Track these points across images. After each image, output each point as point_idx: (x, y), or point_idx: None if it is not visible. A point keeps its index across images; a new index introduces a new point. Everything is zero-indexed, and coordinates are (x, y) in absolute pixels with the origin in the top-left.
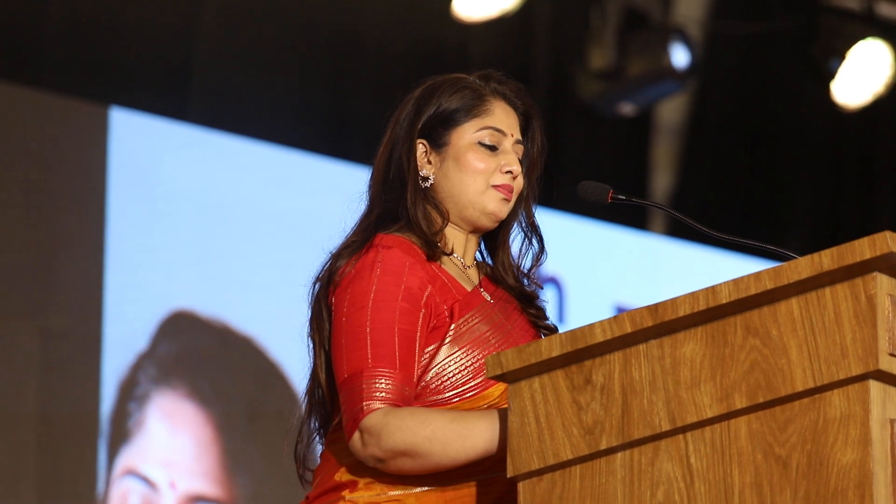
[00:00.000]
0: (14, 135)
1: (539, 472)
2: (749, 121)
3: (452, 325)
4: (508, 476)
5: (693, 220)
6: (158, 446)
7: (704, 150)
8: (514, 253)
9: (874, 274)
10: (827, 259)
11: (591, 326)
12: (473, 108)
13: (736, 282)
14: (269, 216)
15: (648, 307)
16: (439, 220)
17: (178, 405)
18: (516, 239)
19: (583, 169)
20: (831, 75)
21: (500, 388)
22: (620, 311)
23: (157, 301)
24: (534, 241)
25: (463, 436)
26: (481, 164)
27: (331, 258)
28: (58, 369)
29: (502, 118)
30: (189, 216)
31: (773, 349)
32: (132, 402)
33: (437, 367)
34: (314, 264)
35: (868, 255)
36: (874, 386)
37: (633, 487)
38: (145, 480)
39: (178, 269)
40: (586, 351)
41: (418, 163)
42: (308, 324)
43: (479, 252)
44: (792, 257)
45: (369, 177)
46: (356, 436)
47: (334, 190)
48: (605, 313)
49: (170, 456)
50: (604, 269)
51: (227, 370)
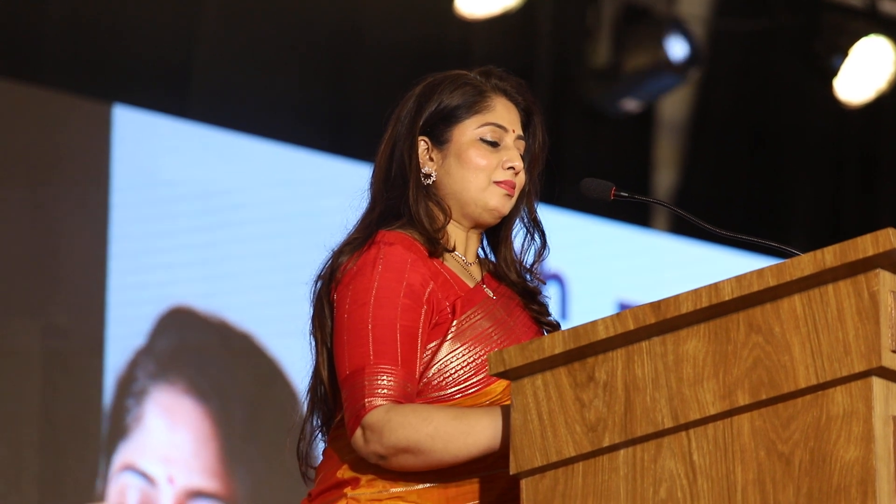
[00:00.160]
0: (16, 133)
1: (542, 470)
2: (752, 118)
3: (455, 322)
4: (511, 473)
5: (696, 217)
6: (157, 442)
7: (707, 147)
8: (516, 249)
9: (877, 271)
10: (830, 256)
11: (593, 323)
12: (475, 104)
13: (739, 279)
14: (271, 213)
15: (651, 304)
16: (441, 216)
17: (177, 400)
18: (518, 235)
19: (585, 166)
20: (834, 72)
21: (502, 384)
22: (623, 308)
23: (160, 299)
24: (536, 236)
25: (465, 433)
26: (483, 160)
27: (333, 255)
28: (60, 367)
29: (503, 114)
30: (191, 214)
31: (775, 346)
32: (130, 397)
33: (440, 363)
34: (315, 261)
35: (871, 252)
36: (877, 383)
37: (635, 484)
38: (144, 476)
39: (180, 267)
40: (589, 348)
41: (420, 160)
42: (310, 321)
43: (481, 248)
44: (795, 254)
45: (371, 174)
46: (358, 432)
47: (336, 187)
48: (608, 310)
49: (168, 451)
50: (606, 267)
51: (225, 365)
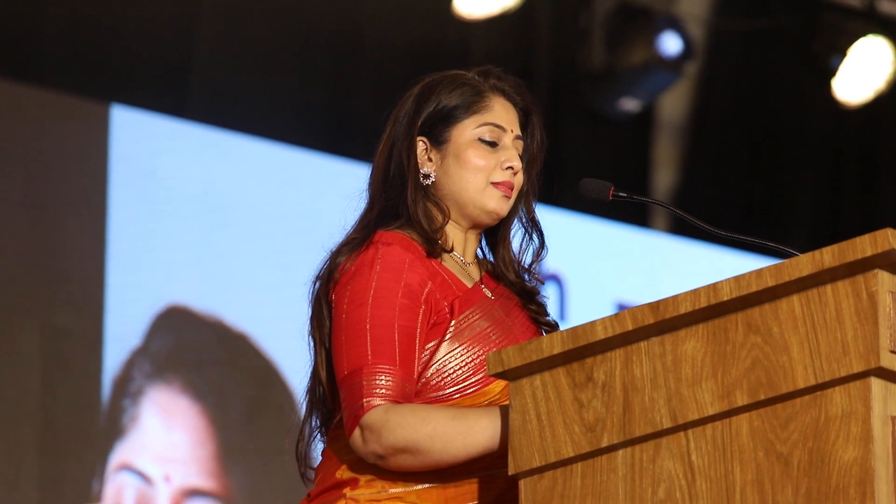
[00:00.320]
0: (15, 133)
1: (540, 470)
2: (750, 118)
3: (453, 322)
4: (510, 474)
5: (694, 218)
6: (153, 441)
7: (706, 147)
8: (514, 249)
9: (875, 271)
10: (828, 256)
11: (592, 324)
12: (473, 104)
13: (737, 279)
14: (269, 214)
15: (650, 304)
16: (440, 217)
17: (173, 400)
18: (517, 235)
19: (584, 166)
20: (832, 72)
21: (500, 384)
22: (622, 308)
23: (159, 298)
24: (534, 236)
25: (464, 433)
26: (481, 160)
27: (331, 255)
28: (59, 367)
29: (502, 114)
30: (190, 214)
31: (774, 346)
32: (126, 397)
33: (438, 363)
34: (314, 262)
35: (869, 252)
36: (875, 383)
37: (634, 485)
38: (140, 475)
39: (179, 267)
40: (587, 348)
41: (419, 160)
42: (308, 322)
43: (479, 249)
44: (793, 254)
45: (369, 174)
46: (356, 432)
47: (334, 187)
48: (607, 311)
49: (165, 450)
50: (605, 267)
51: (222, 365)
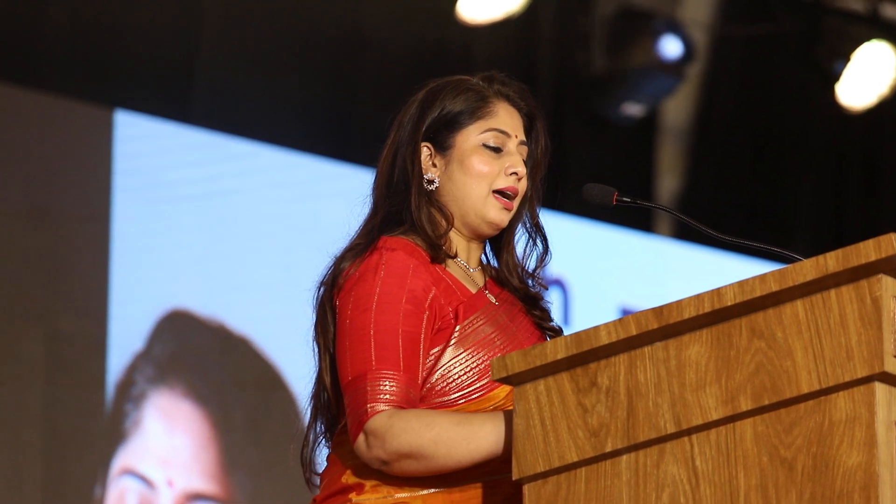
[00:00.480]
0: (18, 138)
1: (544, 475)
2: (754, 123)
3: (457, 327)
4: (514, 479)
5: (698, 223)
6: (156, 445)
7: (709, 152)
8: (518, 254)
9: (879, 276)
10: (832, 261)
11: (596, 329)
12: (477, 110)
13: (741, 284)
14: (272, 218)
15: (653, 309)
16: (444, 223)
17: (176, 404)
18: (521, 240)
19: (588, 171)
20: (836, 77)
21: (505, 389)
22: (626, 313)
23: (162, 303)
24: (538, 241)
25: (468, 438)
26: (485, 167)
27: (335, 261)
28: (63, 372)
29: (506, 120)
30: (193, 218)
31: (778, 351)
32: (129, 402)
33: (443, 368)
34: (316, 266)
35: (873, 258)
36: (879, 388)
37: (638, 490)
38: (143, 479)
39: (183, 271)
40: (591, 353)
41: (423, 166)
42: (313, 327)
43: (484, 254)
44: (797, 259)
45: (373, 179)
46: (361, 438)
47: (337, 192)
48: (611, 316)
49: (167, 455)
50: (609, 272)
51: (224, 369)
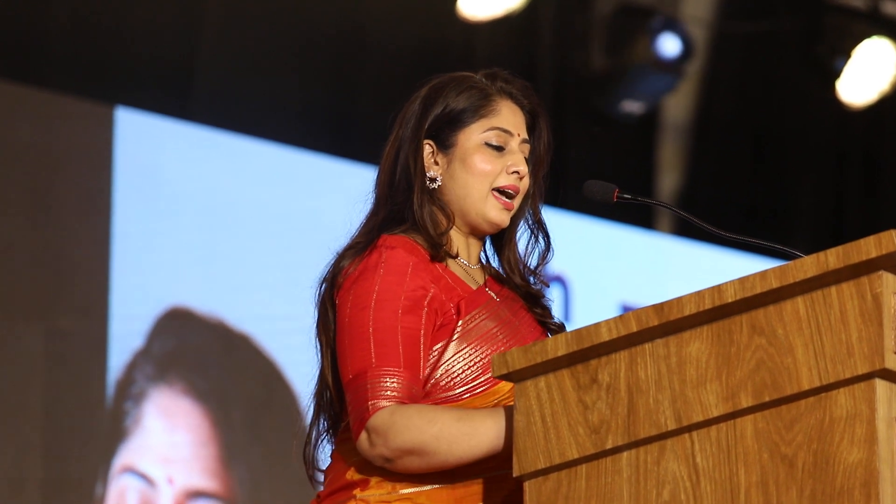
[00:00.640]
0: (19, 135)
1: (545, 472)
2: (755, 120)
3: (460, 322)
4: (514, 476)
5: (699, 220)
6: (156, 443)
7: (710, 149)
8: (520, 251)
9: (880, 273)
10: (833, 258)
11: (596, 326)
12: (480, 108)
13: (742, 281)
14: (273, 215)
15: (654, 306)
16: (445, 221)
17: (176, 402)
18: (523, 236)
19: (589, 168)
20: (837, 74)
21: (509, 383)
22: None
23: (163, 301)
24: (540, 238)
25: (470, 434)
26: (488, 165)
27: (335, 259)
28: (64, 369)
29: (509, 118)
30: (194, 216)
31: (778, 348)
32: (129, 400)
33: (446, 364)
34: (317, 263)
35: (874, 254)
36: (880, 385)
37: (638, 487)
38: (143, 477)
39: (183, 269)
40: (592, 350)
41: (425, 164)
42: (315, 325)
43: (483, 252)
44: (798, 256)
45: (375, 176)
46: (363, 435)
47: (338, 189)
48: (611, 312)
49: (168, 452)
50: (610, 269)
51: (225, 365)
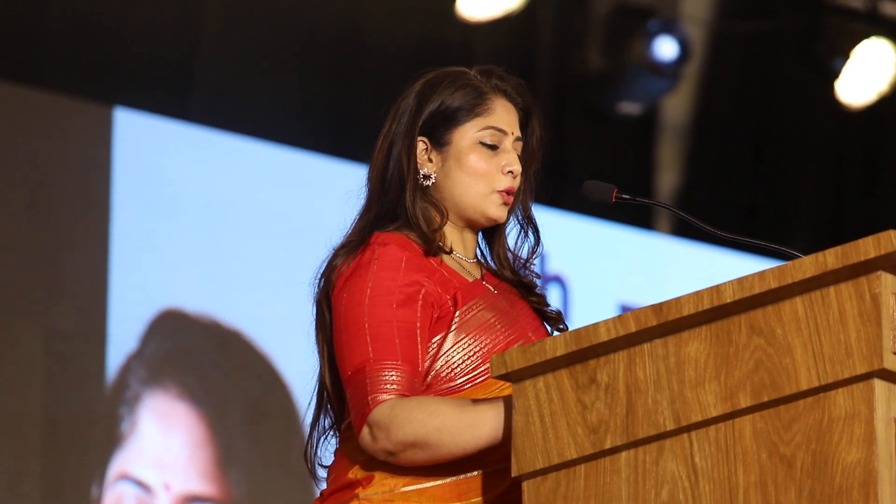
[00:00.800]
0: (18, 135)
1: (544, 472)
2: (753, 120)
3: (457, 313)
4: (513, 475)
5: (697, 220)
6: (151, 448)
7: (709, 149)
8: (510, 246)
9: (879, 273)
10: (831, 258)
11: (595, 326)
12: (475, 106)
13: (740, 281)
14: (272, 216)
15: (653, 306)
16: (438, 218)
17: (171, 405)
18: (512, 232)
19: (588, 168)
20: (835, 74)
21: None
22: (625, 310)
23: (162, 301)
24: (530, 234)
25: (473, 425)
26: (483, 164)
27: (329, 258)
28: (62, 370)
29: (503, 116)
30: (193, 216)
31: (777, 348)
32: (123, 405)
33: (445, 355)
34: (315, 263)
35: (872, 254)
36: (879, 385)
37: (637, 487)
38: (139, 484)
39: (182, 269)
40: (591, 350)
41: (419, 161)
42: (313, 324)
43: (478, 248)
44: (796, 256)
45: (368, 170)
46: (365, 430)
47: (337, 189)
48: (610, 313)
49: (163, 457)
50: (608, 269)
51: (220, 368)
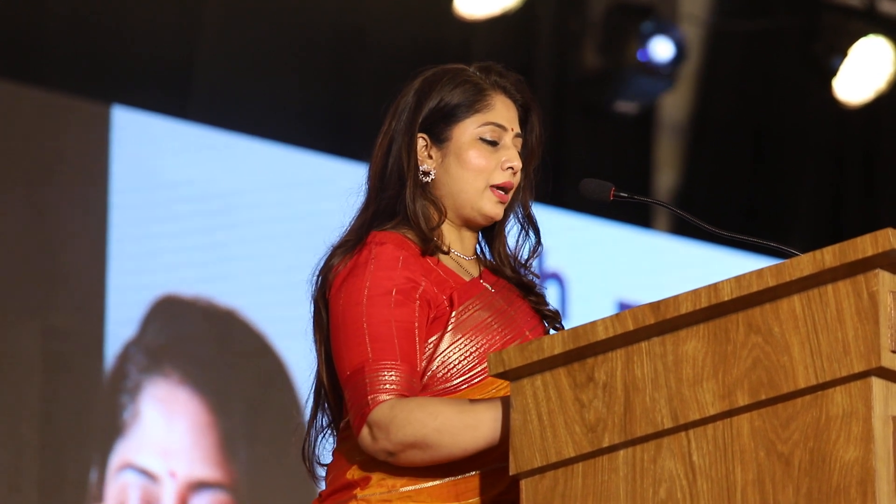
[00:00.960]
0: (16, 133)
1: (541, 470)
2: (752, 118)
3: (453, 313)
4: (511, 474)
5: (696, 218)
6: (155, 436)
7: (707, 147)
8: (510, 245)
9: (876, 271)
10: (829, 256)
11: (593, 324)
12: (475, 103)
13: (738, 279)
14: (270, 214)
15: (650, 304)
16: (436, 216)
17: (171, 392)
18: (512, 230)
19: (586, 166)
20: (833, 73)
21: None
22: (623, 308)
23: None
24: (530, 232)
25: (472, 426)
26: (482, 160)
27: (326, 258)
28: (60, 368)
29: (503, 112)
30: (191, 214)
31: (775, 346)
32: (124, 394)
33: (442, 355)
34: (314, 262)
35: (870, 252)
36: (876, 383)
37: (635, 485)
38: (144, 473)
39: (180, 267)
40: (588, 348)
41: (419, 157)
42: (311, 321)
43: (479, 244)
44: (794, 254)
45: (367, 168)
46: (365, 431)
47: (336, 188)
48: (608, 311)
49: (167, 444)
50: (607, 267)
51: (220, 354)
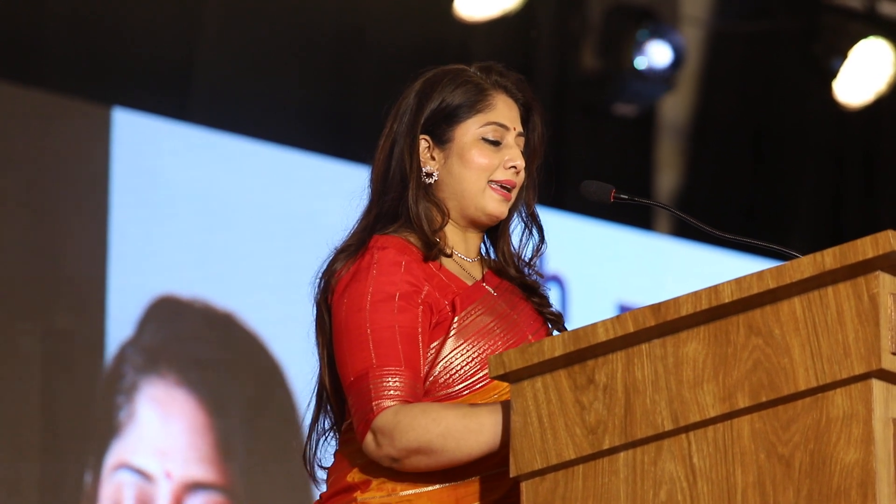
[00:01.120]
0: (16, 135)
1: (542, 472)
2: (752, 120)
3: (455, 319)
4: (511, 476)
5: (696, 220)
6: (150, 436)
7: (708, 149)
8: (514, 244)
9: (877, 273)
10: (829, 258)
11: (593, 326)
12: (476, 103)
13: (738, 281)
14: (271, 216)
15: (651, 306)
16: (439, 218)
17: (168, 393)
18: (516, 229)
19: (587, 168)
20: (834, 74)
21: None
22: (624, 310)
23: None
24: (534, 231)
25: (476, 431)
26: (485, 160)
27: (328, 262)
28: (61, 370)
29: (504, 112)
30: (192, 216)
31: (775, 348)
32: (120, 394)
33: (444, 361)
34: (315, 263)
35: (870, 254)
36: (877, 385)
37: (635, 487)
38: (140, 473)
39: (180, 269)
40: (589, 350)
41: (421, 159)
42: (313, 324)
43: (483, 245)
44: (794, 256)
45: (370, 172)
46: (369, 437)
47: (336, 189)
48: (609, 313)
49: (163, 445)
50: (607, 269)
51: (217, 354)
